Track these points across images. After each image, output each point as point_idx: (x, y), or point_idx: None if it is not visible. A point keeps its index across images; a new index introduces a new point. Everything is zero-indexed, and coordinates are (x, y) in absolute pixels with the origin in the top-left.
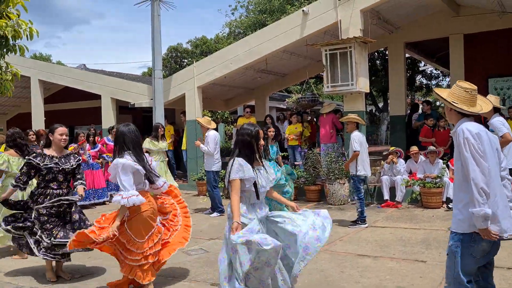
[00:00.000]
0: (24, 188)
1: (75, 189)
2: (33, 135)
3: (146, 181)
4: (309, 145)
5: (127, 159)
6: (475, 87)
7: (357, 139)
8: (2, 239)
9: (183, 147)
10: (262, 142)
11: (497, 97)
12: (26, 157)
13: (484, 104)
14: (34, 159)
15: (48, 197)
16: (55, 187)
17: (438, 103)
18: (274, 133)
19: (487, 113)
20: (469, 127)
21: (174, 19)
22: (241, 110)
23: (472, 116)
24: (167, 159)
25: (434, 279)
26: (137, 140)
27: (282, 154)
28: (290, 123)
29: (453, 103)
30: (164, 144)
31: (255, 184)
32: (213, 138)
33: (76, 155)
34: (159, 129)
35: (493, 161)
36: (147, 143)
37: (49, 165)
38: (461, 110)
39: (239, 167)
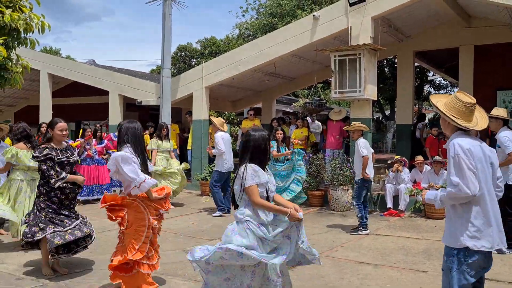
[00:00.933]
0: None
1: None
2: (45, 127)
3: None
4: (313, 149)
5: (125, 151)
6: (475, 101)
7: (363, 145)
8: (12, 228)
9: (189, 146)
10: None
11: (504, 109)
12: (42, 155)
13: (481, 119)
14: (51, 152)
15: (57, 190)
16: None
17: None
18: (282, 135)
19: (495, 125)
20: (460, 142)
21: (185, 19)
22: (247, 112)
23: (468, 130)
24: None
25: None
26: (139, 137)
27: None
28: (296, 127)
29: (452, 117)
30: (168, 144)
31: (267, 189)
32: (220, 139)
33: (74, 147)
34: (163, 129)
35: (485, 176)
36: (153, 143)
37: (62, 158)
38: (458, 125)
39: (254, 173)
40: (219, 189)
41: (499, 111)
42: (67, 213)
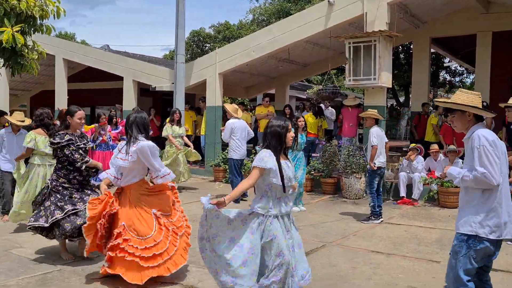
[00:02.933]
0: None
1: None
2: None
3: None
4: (327, 137)
5: (150, 141)
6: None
7: (375, 134)
8: (13, 215)
9: (202, 132)
10: (292, 134)
11: None
12: (65, 140)
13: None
14: (72, 138)
15: (70, 178)
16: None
17: None
18: (303, 123)
19: None
20: (485, 134)
21: (197, 3)
22: (261, 98)
23: (484, 122)
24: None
25: None
26: (148, 126)
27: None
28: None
29: (477, 107)
30: (180, 129)
31: (282, 177)
32: (228, 127)
33: (86, 135)
34: (175, 114)
35: (504, 167)
36: (167, 129)
37: (80, 145)
38: (486, 113)
39: (263, 158)
40: (237, 178)
41: None
42: (81, 196)
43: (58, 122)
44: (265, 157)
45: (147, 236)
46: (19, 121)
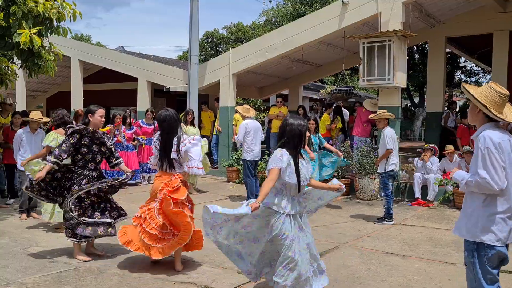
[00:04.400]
0: (59, 167)
1: (117, 168)
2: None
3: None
4: (342, 137)
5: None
6: (508, 93)
7: (390, 136)
8: (51, 215)
9: (214, 132)
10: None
11: None
12: (71, 128)
13: (509, 113)
14: (82, 131)
15: (85, 178)
16: (92, 168)
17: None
18: (315, 125)
19: None
20: (491, 135)
21: (211, 4)
22: (274, 99)
23: (497, 121)
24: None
25: (463, 283)
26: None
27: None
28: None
29: (486, 105)
30: (194, 130)
31: (298, 176)
32: (242, 127)
33: (110, 136)
34: (188, 115)
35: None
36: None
37: (95, 140)
38: (492, 114)
39: (280, 157)
40: (251, 179)
41: None
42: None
43: (74, 123)
44: (281, 157)
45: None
46: (39, 118)
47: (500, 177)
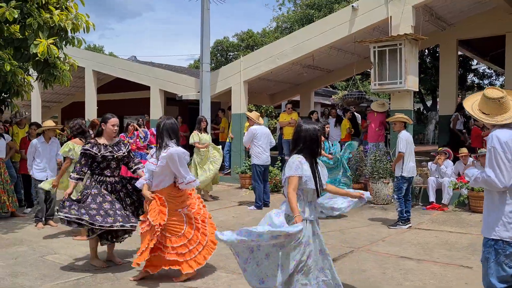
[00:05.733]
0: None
1: (135, 174)
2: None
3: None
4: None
5: (178, 148)
6: (502, 94)
7: (404, 139)
8: None
9: (227, 139)
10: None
11: None
12: (82, 148)
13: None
14: (91, 149)
15: (103, 184)
16: (109, 174)
17: None
18: (326, 130)
19: None
20: (499, 135)
21: (221, 12)
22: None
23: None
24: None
25: (480, 286)
26: (178, 132)
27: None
28: (338, 119)
29: (480, 114)
30: (207, 137)
31: (316, 182)
32: (250, 132)
33: (126, 143)
34: (202, 122)
35: None
36: (194, 137)
37: (105, 154)
38: (496, 123)
39: (299, 165)
40: (259, 184)
41: None
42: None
43: (91, 131)
44: (300, 164)
45: (180, 234)
46: (54, 125)
47: (504, 175)
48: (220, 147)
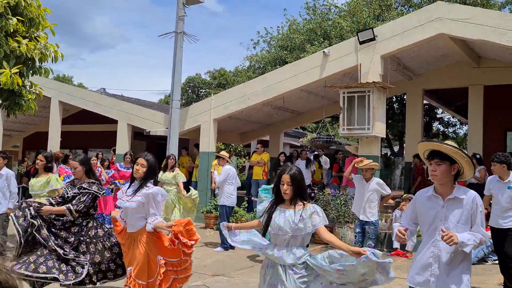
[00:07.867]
0: None
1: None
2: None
3: None
4: (320, 186)
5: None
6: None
7: (383, 183)
8: None
9: (193, 178)
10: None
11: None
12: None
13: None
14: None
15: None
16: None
17: None
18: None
19: (501, 172)
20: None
21: (195, 49)
22: (255, 145)
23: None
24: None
25: None
26: (156, 170)
27: None
28: (308, 161)
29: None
30: (168, 175)
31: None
32: (225, 172)
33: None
34: (169, 160)
35: None
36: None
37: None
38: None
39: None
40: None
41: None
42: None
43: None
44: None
45: (148, 281)
46: None
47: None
48: (196, 193)
